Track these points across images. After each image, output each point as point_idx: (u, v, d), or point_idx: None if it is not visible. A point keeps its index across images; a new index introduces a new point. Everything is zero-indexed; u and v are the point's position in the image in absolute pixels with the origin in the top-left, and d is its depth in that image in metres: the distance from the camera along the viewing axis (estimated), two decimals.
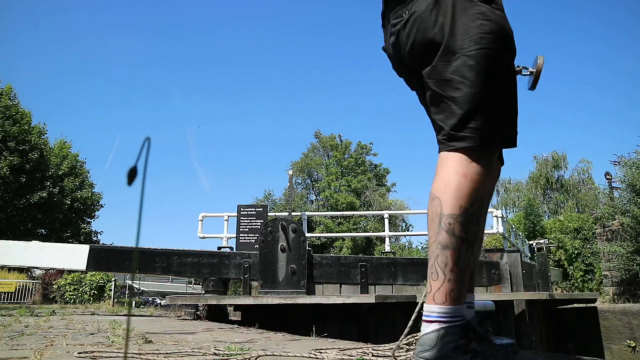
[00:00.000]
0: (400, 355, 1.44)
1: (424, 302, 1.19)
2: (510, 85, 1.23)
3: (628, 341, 6.74)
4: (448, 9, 1.21)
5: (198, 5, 54.91)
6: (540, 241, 13.73)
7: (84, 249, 5.79)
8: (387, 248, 8.49)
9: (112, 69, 52.96)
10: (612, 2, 44.56)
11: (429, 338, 1.11)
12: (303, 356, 1.68)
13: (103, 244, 22.04)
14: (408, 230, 26.74)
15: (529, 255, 10.52)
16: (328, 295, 5.41)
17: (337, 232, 24.38)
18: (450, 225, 1.12)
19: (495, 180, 1.38)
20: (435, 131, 1.24)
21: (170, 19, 55.37)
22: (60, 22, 50.53)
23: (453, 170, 1.15)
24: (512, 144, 1.22)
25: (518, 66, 1.50)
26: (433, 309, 1.13)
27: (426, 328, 1.14)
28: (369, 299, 4.85)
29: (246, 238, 7.28)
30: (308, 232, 10.73)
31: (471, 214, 1.13)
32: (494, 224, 8.54)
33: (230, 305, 5.76)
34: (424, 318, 1.16)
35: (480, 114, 1.15)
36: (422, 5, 1.24)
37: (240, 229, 7.35)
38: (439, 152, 1.22)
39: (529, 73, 1.53)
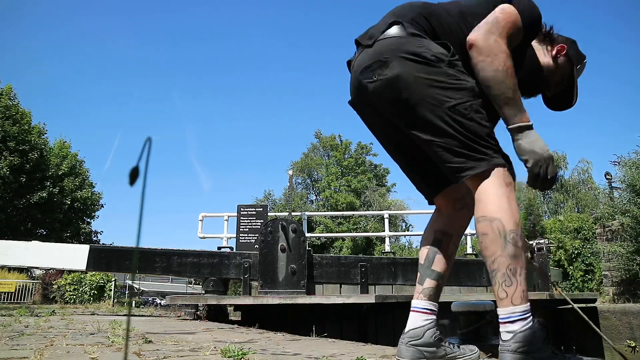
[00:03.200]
0: None
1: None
2: (490, 129, 1.45)
3: (628, 341, 6.74)
4: (416, 75, 1.42)
5: (199, 7, 54.89)
6: (540, 241, 13.72)
7: (84, 249, 5.78)
8: (387, 248, 8.49)
9: (112, 68, 52.97)
10: (613, 2, 44.58)
11: (523, 335, 1.29)
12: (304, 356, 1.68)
13: (103, 244, 22.04)
14: (408, 230, 26.72)
15: (529, 255, 10.50)
16: (328, 295, 5.41)
17: (337, 232, 24.37)
18: (513, 239, 1.34)
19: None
20: (449, 171, 1.47)
21: (171, 20, 55.38)
22: (60, 23, 50.54)
23: (496, 192, 1.38)
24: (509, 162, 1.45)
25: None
26: (514, 310, 1.32)
27: (512, 327, 1.31)
28: (369, 299, 4.85)
29: (246, 238, 7.28)
30: (308, 232, 10.73)
31: (521, 227, 1.38)
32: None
33: (230, 305, 5.75)
34: (506, 320, 1.33)
35: (474, 148, 1.40)
36: (388, 72, 1.45)
37: (240, 229, 7.36)
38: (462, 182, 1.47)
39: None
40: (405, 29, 1.49)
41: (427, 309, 1.61)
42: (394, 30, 1.51)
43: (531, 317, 1.33)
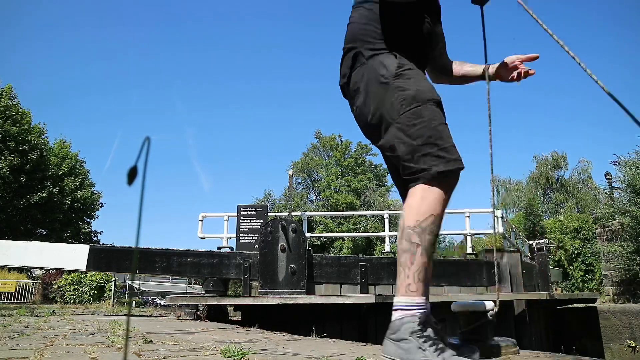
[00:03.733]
0: None
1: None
2: (433, 126, 1.49)
3: (628, 341, 6.74)
4: (375, 98, 1.57)
5: (200, 6, 54.92)
6: (540, 241, 13.73)
7: (84, 249, 5.78)
8: (387, 248, 8.48)
9: (112, 68, 52.98)
10: (613, 1, 44.57)
11: (395, 324, 1.40)
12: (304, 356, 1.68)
13: (103, 244, 22.04)
14: None
15: (529, 255, 10.52)
16: (328, 295, 5.41)
17: (337, 232, 24.37)
18: (408, 235, 1.44)
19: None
20: (405, 179, 1.58)
21: (172, 20, 55.40)
22: (60, 23, 50.54)
23: (415, 196, 1.47)
24: (458, 167, 1.47)
25: None
26: (398, 300, 1.42)
27: (393, 316, 1.42)
28: (369, 299, 4.85)
29: (246, 238, 7.28)
30: (308, 232, 10.72)
31: (426, 225, 1.43)
32: (494, 224, 8.54)
33: (230, 305, 5.75)
34: (393, 308, 1.43)
35: (417, 158, 1.47)
36: (358, 101, 1.63)
37: (240, 229, 7.35)
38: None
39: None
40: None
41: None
42: None
43: (413, 311, 1.38)
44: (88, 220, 24.72)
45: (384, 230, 8.84)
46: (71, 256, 5.79)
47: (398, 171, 1.62)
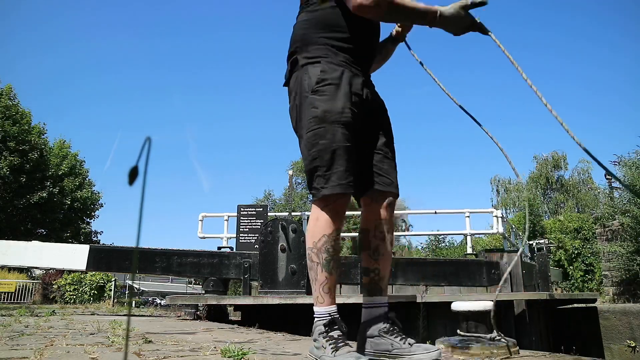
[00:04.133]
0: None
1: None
2: (330, 149, 1.58)
3: (628, 341, 6.74)
4: (296, 109, 1.70)
5: (199, 5, 54.90)
6: (540, 241, 13.73)
7: (84, 249, 5.78)
8: None
9: (112, 68, 52.98)
10: (613, 2, 44.55)
11: (314, 327, 1.61)
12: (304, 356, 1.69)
13: (103, 244, 22.02)
14: (408, 230, 26.71)
15: (529, 255, 10.51)
16: None
17: None
18: (309, 255, 1.63)
19: (388, 211, 1.76)
20: None
21: (171, 19, 55.40)
22: (60, 22, 50.53)
23: (311, 217, 1.64)
24: (339, 191, 1.57)
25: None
26: (316, 309, 1.63)
27: (315, 323, 1.62)
28: None
29: (246, 238, 7.27)
30: None
31: (320, 245, 1.60)
32: (494, 224, 8.54)
33: (230, 305, 5.75)
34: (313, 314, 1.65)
35: (313, 177, 1.60)
36: (290, 105, 1.76)
37: (240, 229, 7.34)
38: None
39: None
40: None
41: (370, 303, 1.77)
42: None
43: (325, 317, 1.58)
44: (88, 220, 24.69)
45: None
46: (71, 256, 5.79)
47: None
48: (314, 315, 1.63)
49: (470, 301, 1.93)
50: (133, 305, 18.79)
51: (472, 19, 1.60)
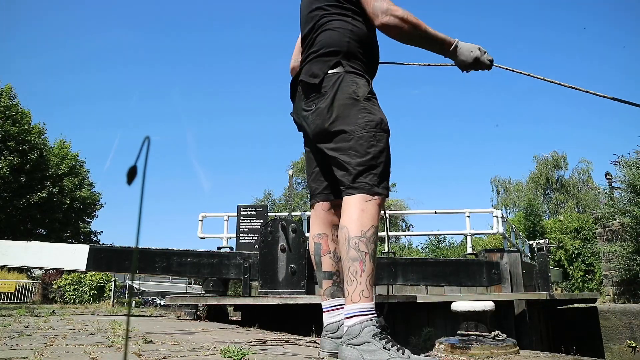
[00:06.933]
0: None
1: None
2: (385, 154, 1.71)
3: (628, 341, 6.74)
4: (340, 108, 1.72)
5: (199, 1, 54.92)
6: (540, 241, 13.73)
7: (84, 249, 5.78)
8: (387, 248, 8.49)
9: (111, 67, 52.98)
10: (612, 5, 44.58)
11: (354, 329, 1.48)
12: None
13: (103, 243, 22.03)
14: (408, 230, 26.72)
15: (529, 255, 10.51)
16: None
17: None
18: (356, 243, 1.56)
19: (337, 216, 1.82)
20: (340, 184, 1.73)
21: (170, 16, 55.40)
22: (59, 20, 50.52)
23: (354, 207, 1.62)
24: (387, 194, 1.69)
25: None
26: (352, 307, 1.52)
27: (349, 322, 1.51)
28: None
29: (246, 238, 7.27)
30: (308, 232, 10.70)
31: (370, 235, 1.59)
32: (494, 224, 8.54)
33: (230, 305, 5.75)
34: (345, 316, 1.55)
35: (365, 172, 1.65)
36: (322, 104, 1.75)
37: (240, 229, 7.34)
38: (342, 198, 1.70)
39: None
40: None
41: (333, 306, 1.82)
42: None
43: (370, 315, 1.50)
44: (88, 220, 24.69)
45: (383, 230, 8.84)
46: (71, 256, 5.78)
47: (326, 168, 1.84)
48: (356, 314, 1.51)
49: (470, 301, 1.93)
50: (133, 305, 18.78)
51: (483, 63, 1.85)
